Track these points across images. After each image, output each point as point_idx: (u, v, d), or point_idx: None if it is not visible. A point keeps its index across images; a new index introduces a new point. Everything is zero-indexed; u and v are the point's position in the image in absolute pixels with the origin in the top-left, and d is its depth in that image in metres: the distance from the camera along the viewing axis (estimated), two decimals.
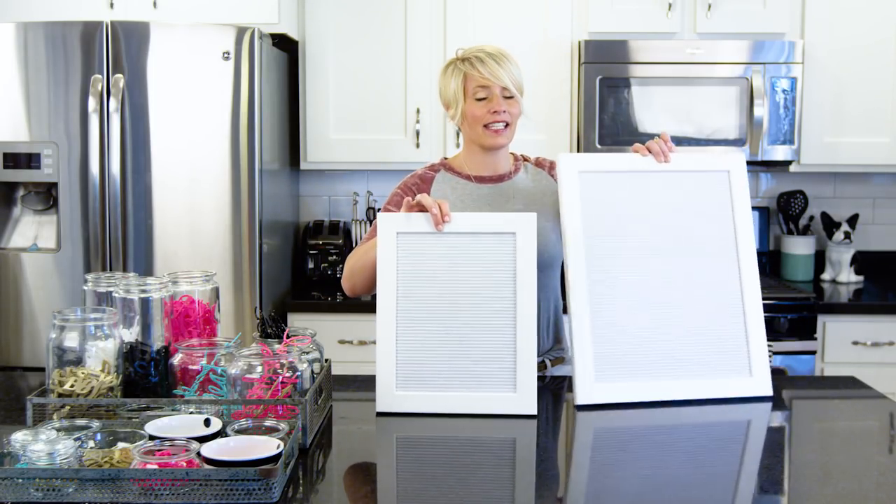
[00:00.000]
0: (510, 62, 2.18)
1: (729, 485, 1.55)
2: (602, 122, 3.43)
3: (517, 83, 2.19)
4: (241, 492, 1.37)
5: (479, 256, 1.90)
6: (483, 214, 1.98)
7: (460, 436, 1.77)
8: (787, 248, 3.78)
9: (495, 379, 1.86)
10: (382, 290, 1.89)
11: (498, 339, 1.87)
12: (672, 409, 1.90)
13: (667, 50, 3.43)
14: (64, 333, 1.68)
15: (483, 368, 1.87)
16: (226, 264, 3.06)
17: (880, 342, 3.31)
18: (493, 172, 2.28)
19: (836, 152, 3.56)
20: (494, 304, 1.88)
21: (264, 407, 1.63)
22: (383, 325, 1.88)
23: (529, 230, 1.90)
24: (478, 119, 2.18)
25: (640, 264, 1.99)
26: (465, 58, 2.20)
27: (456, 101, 2.20)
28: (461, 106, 2.19)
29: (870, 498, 1.50)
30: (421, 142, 3.53)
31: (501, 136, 2.20)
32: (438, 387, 1.86)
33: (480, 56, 2.17)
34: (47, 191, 3.14)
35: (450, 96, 2.22)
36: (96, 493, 1.37)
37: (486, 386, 1.86)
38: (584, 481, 1.58)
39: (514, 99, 2.18)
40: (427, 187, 2.26)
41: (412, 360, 1.88)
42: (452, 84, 2.20)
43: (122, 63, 3.01)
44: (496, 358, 1.87)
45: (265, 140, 3.17)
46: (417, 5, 3.52)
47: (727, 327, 1.99)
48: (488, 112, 2.16)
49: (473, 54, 2.19)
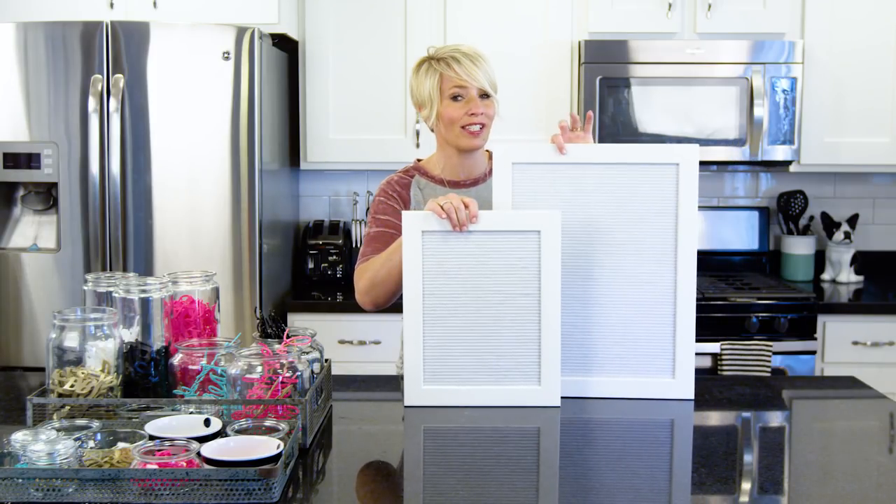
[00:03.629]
0: (485, 62, 2.16)
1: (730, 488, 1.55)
2: (602, 123, 3.43)
3: (493, 83, 2.17)
4: (241, 492, 1.37)
5: (504, 254, 1.90)
6: (508, 213, 1.96)
7: (486, 427, 1.82)
8: (787, 248, 3.78)
9: (520, 372, 1.90)
10: (409, 288, 1.90)
11: (523, 334, 1.90)
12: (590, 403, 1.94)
13: (667, 50, 3.43)
14: (64, 333, 1.68)
15: (508, 363, 1.91)
16: (226, 264, 3.06)
17: (880, 342, 3.31)
18: (467, 176, 2.26)
19: (836, 152, 3.56)
20: (519, 301, 1.90)
21: (264, 407, 1.63)
22: (411, 323, 1.90)
23: (554, 228, 1.89)
24: (454, 120, 2.15)
25: (570, 260, 1.95)
26: (440, 57, 2.16)
27: (431, 102, 2.17)
28: (436, 107, 2.16)
29: (870, 498, 1.50)
30: (421, 142, 3.53)
31: (478, 137, 2.18)
32: (464, 380, 1.91)
33: (456, 56, 2.14)
34: (47, 191, 3.14)
35: (423, 96, 2.18)
36: (96, 493, 1.37)
37: (511, 379, 1.90)
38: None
39: (491, 99, 2.16)
40: (406, 192, 2.24)
41: (439, 355, 1.91)
42: (427, 84, 2.16)
43: (122, 63, 3.01)
44: (521, 352, 1.90)
45: (265, 140, 3.17)
46: (417, 5, 3.52)
47: (654, 327, 1.97)
48: (465, 114, 2.14)
49: (448, 54, 2.15)
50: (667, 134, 3.45)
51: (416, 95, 2.21)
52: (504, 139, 3.52)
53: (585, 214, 1.97)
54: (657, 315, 1.97)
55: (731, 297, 3.30)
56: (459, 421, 1.85)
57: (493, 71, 2.17)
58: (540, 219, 1.90)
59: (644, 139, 3.45)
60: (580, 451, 1.73)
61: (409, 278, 1.90)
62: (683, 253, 1.96)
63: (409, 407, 1.90)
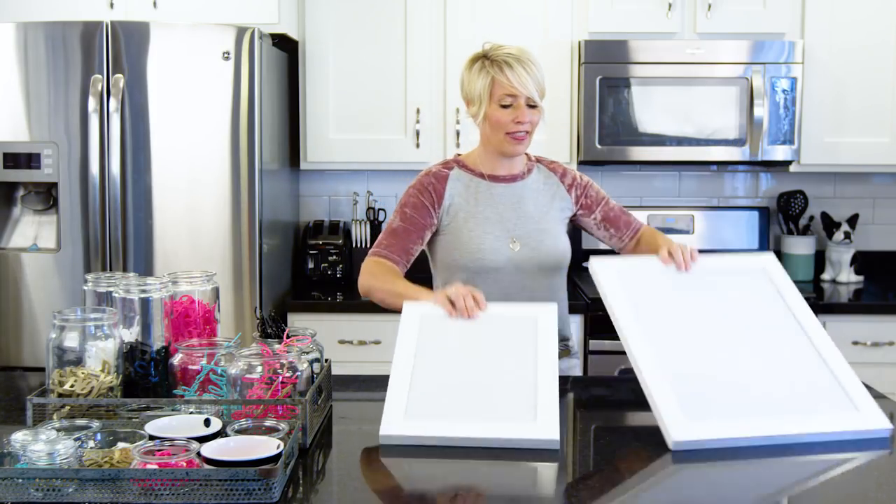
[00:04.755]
0: (536, 68, 2.17)
1: None
2: (602, 123, 3.43)
3: (542, 90, 2.19)
4: (241, 492, 1.37)
5: (500, 335, 1.89)
6: (505, 305, 1.97)
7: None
8: (787, 248, 3.78)
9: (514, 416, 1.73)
10: (400, 361, 1.81)
11: (517, 400, 1.75)
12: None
13: (667, 50, 3.43)
14: (64, 333, 1.68)
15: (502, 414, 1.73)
16: (226, 264, 3.06)
17: (880, 342, 3.31)
18: (507, 172, 2.29)
19: (836, 152, 3.56)
20: (516, 373, 1.81)
21: (264, 407, 1.63)
22: (395, 391, 1.76)
23: (550, 317, 1.91)
24: (501, 125, 2.18)
25: (701, 343, 1.85)
26: (494, 59, 2.17)
27: (480, 102, 2.19)
28: (485, 108, 2.18)
29: (870, 498, 1.50)
30: (421, 142, 3.53)
31: (521, 144, 2.22)
32: (450, 417, 1.72)
33: (510, 61, 2.15)
34: (47, 191, 3.14)
35: (474, 95, 2.20)
36: (96, 493, 1.37)
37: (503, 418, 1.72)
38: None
39: (538, 107, 2.19)
40: (442, 186, 2.26)
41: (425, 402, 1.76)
42: (479, 84, 2.18)
43: (122, 63, 3.01)
44: (515, 412, 1.73)
45: (265, 140, 3.17)
46: (417, 5, 3.52)
47: (813, 371, 1.83)
48: (512, 121, 2.17)
49: (503, 58, 2.16)
50: (667, 134, 3.45)
51: (466, 91, 2.23)
52: None
53: (698, 311, 1.94)
54: (811, 364, 1.85)
55: None
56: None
57: (543, 76, 2.19)
58: (537, 309, 1.93)
59: (644, 139, 3.45)
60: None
61: (401, 353, 1.82)
62: (811, 328, 1.92)
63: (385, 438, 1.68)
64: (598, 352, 3.24)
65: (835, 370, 1.83)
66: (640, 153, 3.46)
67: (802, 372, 1.83)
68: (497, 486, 1.55)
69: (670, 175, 3.90)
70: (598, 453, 1.73)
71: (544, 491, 1.56)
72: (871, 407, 1.76)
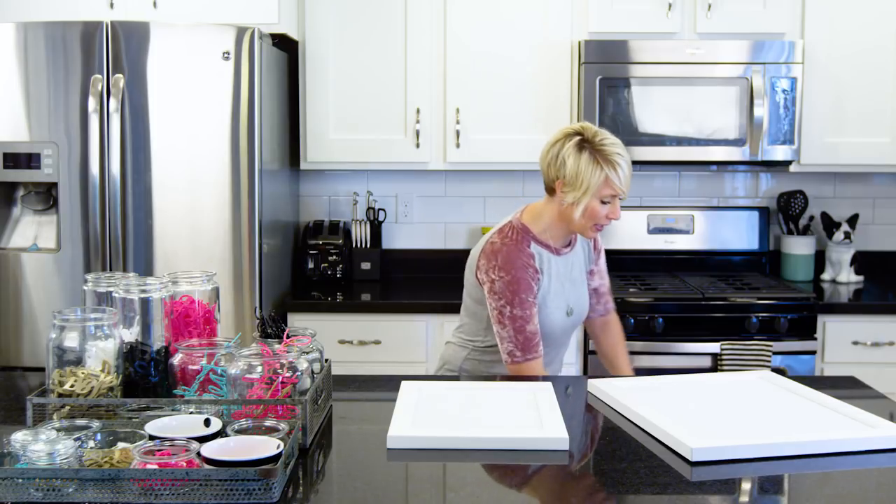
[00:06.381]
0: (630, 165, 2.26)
1: None
2: (602, 123, 3.42)
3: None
4: (241, 492, 1.37)
5: (501, 399, 1.94)
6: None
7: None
8: (787, 248, 3.78)
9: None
10: (397, 422, 1.75)
11: (522, 415, 1.82)
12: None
13: (667, 50, 3.43)
14: (64, 333, 1.68)
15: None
16: (226, 264, 3.06)
17: (880, 342, 3.31)
18: (564, 242, 2.38)
19: (836, 152, 3.56)
20: (518, 412, 1.85)
21: (264, 407, 1.63)
22: (400, 412, 1.81)
23: (548, 394, 1.95)
24: (595, 217, 2.25)
25: (712, 413, 1.86)
26: (603, 153, 2.20)
27: (585, 192, 2.21)
28: (587, 199, 2.21)
29: (870, 498, 1.50)
30: (421, 142, 3.53)
31: (599, 232, 2.33)
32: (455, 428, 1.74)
33: (620, 162, 2.21)
34: (47, 191, 3.14)
35: (580, 183, 2.21)
36: (96, 493, 1.37)
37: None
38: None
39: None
40: (535, 267, 2.29)
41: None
42: (593, 177, 2.19)
43: (122, 63, 3.01)
44: (522, 422, 1.78)
45: (265, 140, 3.17)
46: (417, 5, 3.52)
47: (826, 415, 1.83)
48: (606, 216, 2.25)
49: (613, 156, 2.20)
50: (667, 134, 3.45)
51: (573, 174, 2.21)
52: (504, 138, 3.55)
53: (697, 394, 1.99)
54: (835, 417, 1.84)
55: (731, 297, 3.30)
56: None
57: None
58: (536, 386, 2.01)
59: (644, 139, 3.45)
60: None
61: (398, 419, 1.76)
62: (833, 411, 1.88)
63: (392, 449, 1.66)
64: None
65: (848, 413, 1.82)
66: (641, 153, 3.46)
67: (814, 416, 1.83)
68: (499, 486, 1.55)
69: (670, 175, 3.90)
70: (603, 455, 1.73)
71: (550, 493, 1.55)
72: (889, 426, 1.73)
